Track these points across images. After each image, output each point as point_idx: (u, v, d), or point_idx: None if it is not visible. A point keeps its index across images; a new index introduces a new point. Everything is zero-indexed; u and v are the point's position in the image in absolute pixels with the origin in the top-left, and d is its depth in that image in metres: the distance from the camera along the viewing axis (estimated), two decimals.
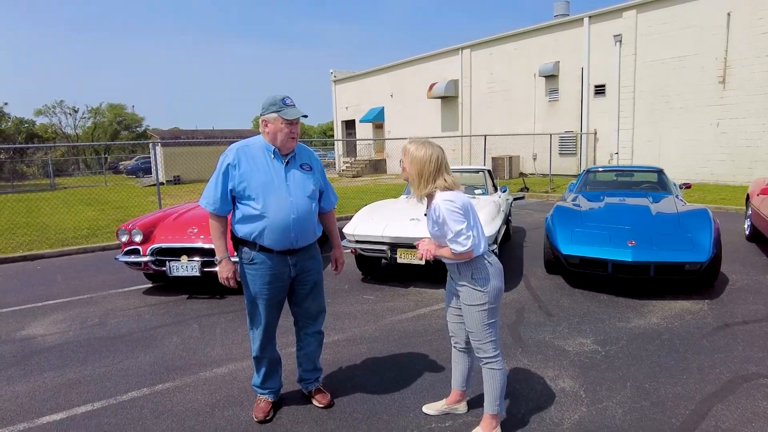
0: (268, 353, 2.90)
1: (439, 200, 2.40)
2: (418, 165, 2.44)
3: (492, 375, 2.55)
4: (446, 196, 2.41)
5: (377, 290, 5.41)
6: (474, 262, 2.47)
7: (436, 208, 2.40)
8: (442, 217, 2.38)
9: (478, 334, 2.53)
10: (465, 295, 2.52)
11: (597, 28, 17.17)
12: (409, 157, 2.48)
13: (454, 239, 2.37)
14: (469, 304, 2.51)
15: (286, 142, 2.68)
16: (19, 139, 49.72)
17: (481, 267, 2.48)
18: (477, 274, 2.48)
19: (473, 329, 2.53)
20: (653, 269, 4.70)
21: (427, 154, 2.44)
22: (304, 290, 2.87)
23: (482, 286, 2.47)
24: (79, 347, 4.08)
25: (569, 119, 18.50)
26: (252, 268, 2.74)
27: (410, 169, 2.47)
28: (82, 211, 13.04)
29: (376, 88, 27.29)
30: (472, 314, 2.51)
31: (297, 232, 2.69)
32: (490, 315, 2.51)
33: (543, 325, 4.26)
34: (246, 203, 2.67)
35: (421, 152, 2.45)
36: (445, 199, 2.39)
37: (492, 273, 2.50)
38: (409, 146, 2.50)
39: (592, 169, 7.96)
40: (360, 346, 3.91)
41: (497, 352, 2.56)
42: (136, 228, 5.34)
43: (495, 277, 2.51)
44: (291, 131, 2.67)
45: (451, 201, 2.39)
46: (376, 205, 6.45)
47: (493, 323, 2.53)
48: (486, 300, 2.48)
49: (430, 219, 2.47)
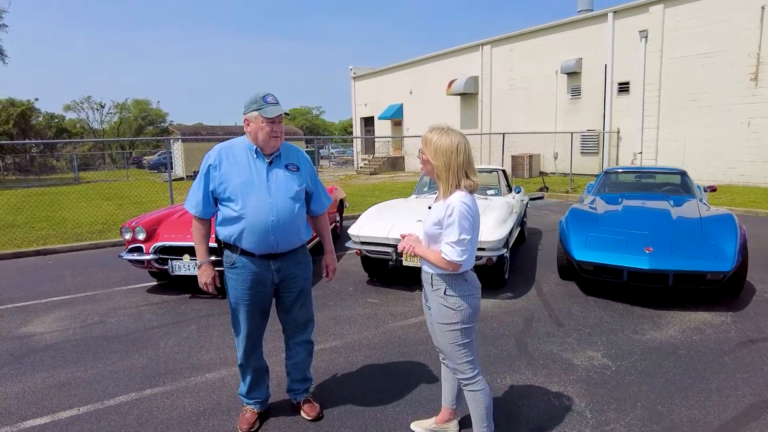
0: (254, 361, 2.78)
1: (457, 199, 2.15)
2: (444, 156, 2.16)
3: (474, 397, 2.36)
4: (465, 198, 2.17)
5: (382, 293, 5.26)
6: (451, 276, 2.25)
7: (450, 206, 2.15)
8: (453, 218, 2.13)
9: (450, 355, 2.33)
10: (435, 311, 2.30)
11: (622, 23, 16.65)
12: (432, 148, 2.18)
13: (453, 245, 2.14)
14: (439, 322, 2.29)
15: (267, 141, 2.54)
16: (49, 134, 51.05)
17: (456, 283, 2.25)
18: (450, 290, 2.25)
19: (444, 349, 2.34)
20: (672, 278, 4.44)
21: (453, 142, 2.16)
22: (290, 298, 2.73)
23: (454, 304, 2.25)
24: (75, 347, 4.03)
25: (591, 117, 18.01)
26: (233, 272, 2.62)
27: (435, 161, 2.18)
28: (100, 205, 13.20)
29: (395, 84, 27.09)
30: (442, 333, 2.30)
31: (277, 235, 2.55)
32: (464, 335, 2.29)
33: (552, 335, 4.05)
34: (226, 204, 2.55)
35: (445, 140, 2.16)
36: (463, 201, 2.15)
37: (467, 291, 2.26)
38: (430, 135, 2.20)
39: (611, 170, 7.65)
40: (357, 353, 3.77)
41: (476, 372, 2.35)
42: (139, 226, 5.29)
43: (470, 296, 2.27)
44: (272, 130, 2.53)
45: (468, 205, 2.16)
46: (385, 204, 6.30)
47: (467, 343, 2.31)
48: (458, 320, 2.25)
49: (435, 215, 2.21)
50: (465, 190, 2.21)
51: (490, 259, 4.79)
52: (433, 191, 6.86)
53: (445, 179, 2.20)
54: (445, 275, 2.26)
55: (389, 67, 27.64)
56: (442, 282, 2.27)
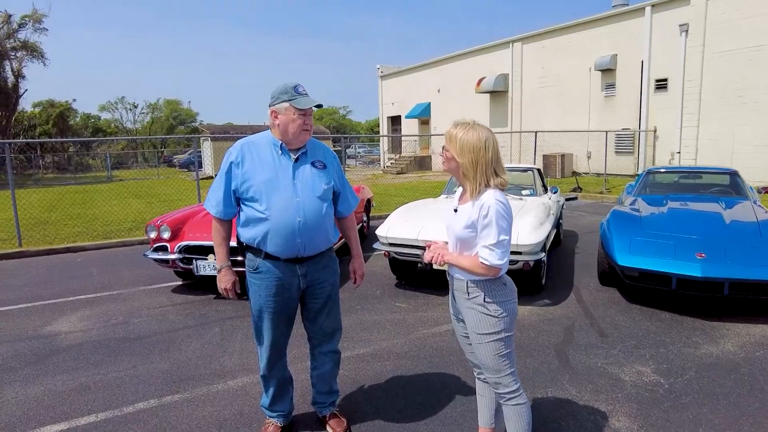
0: (277, 372, 2.60)
1: (492, 198, 1.96)
2: (471, 152, 1.98)
3: (516, 412, 2.14)
4: (499, 196, 1.98)
5: (411, 297, 5.03)
6: (490, 282, 2.05)
7: (484, 206, 1.96)
8: (490, 218, 1.95)
9: (493, 368, 2.11)
10: (474, 321, 2.09)
11: (660, 17, 15.98)
12: (458, 144, 2.01)
13: (493, 248, 1.95)
14: (480, 332, 2.08)
15: (298, 134, 2.36)
16: (85, 134, 52.61)
17: (495, 289, 2.05)
18: (490, 296, 2.05)
19: (487, 362, 2.11)
20: (727, 287, 4.08)
21: (480, 138, 1.99)
22: (317, 305, 2.54)
23: (496, 311, 2.05)
24: (97, 348, 3.94)
25: (626, 116, 17.37)
26: (257, 277, 2.44)
27: (461, 158, 2.00)
28: (131, 203, 13.37)
29: (422, 83, 26.79)
30: (485, 345, 2.08)
31: (304, 237, 2.37)
32: (506, 344, 2.08)
33: (595, 347, 3.76)
34: (249, 204, 2.37)
35: (472, 136, 1.99)
36: (498, 199, 1.96)
37: (507, 296, 2.08)
38: (455, 131, 2.03)
39: (654, 170, 7.23)
40: (386, 362, 3.56)
41: (518, 384, 2.14)
42: (164, 224, 5.21)
43: (510, 301, 2.09)
44: (304, 122, 2.34)
45: (503, 204, 1.97)
46: (413, 204, 6.07)
47: (509, 353, 2.10)
48: (501, 327, 2.06)
49: (467, 217, 2.01)
50: (496, 189, 2.00)
51: (527, 264, 4.51)
52: None
53: (473, 178, 2.01)
54: (482, 281, 2.05)
55: (417, 65, 27.36)
56: (479, 289, 2.06)
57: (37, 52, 33.68)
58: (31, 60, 33.90)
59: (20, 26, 32.48)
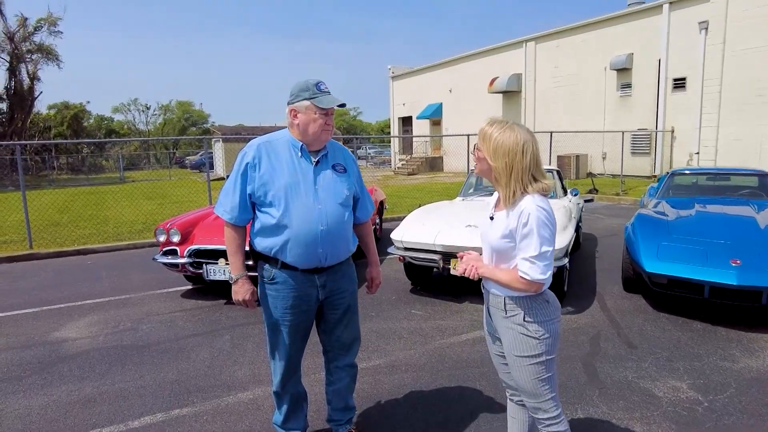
0: (291, 388, 2.44)
1: (532, 205, 1.77)
2: (506, 155, 1.79)
3: None
4: (540, 202, 1.79)
5: (427, 304, 4.85)
6: (530, 298, 1.85)
7: (524, 213, 1.77)
8: (530, 227, 1.76)
9: (532, 392, 1.91)
10: (512, 342, 1.90)
11: (678, 15, 15.62)
12: (492, 145, 1.81)
13: (534, 260, 1.76)
14: (518, 354, 1.88)
15: (319, 134, 2.19)
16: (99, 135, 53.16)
17: (537, 306, 1.86)
18: (531, 315, 1.85)
19: (525, 386, 1.92)
20: (766, 296, 3.85)
21: (518, 140, 1.79)
22: (335, 316, 2.38)
23: (537, 332, 1.85)
24: (105, 356, 3.82)
25: (643, 116, 17.01)
26: (273, 288, 2.28)
27: (494, 161, 1.81)
28: (142, 204, 13.34)
29: (434, 83, 26.57)
30: (524, 368, 1.89)
31: (326, 246, 2.20)
32: (548, 368, 1.89)
33: (624, 359, 3.55)
34: (266, 211, 2.21)
35: (508, 138, 1.79)
36: (539, 206, 1.77)
37: (550, 315, 1.88)
38: (490, 130, 1.83)
39: (678, 172, 6.98)
40: (404, 374, 3.38)
41: (560, 410, 1.95)
42: (174, 227, 5.09)
43: (553, 320, 1.88)
44: (326, 123, 2.18)
45: (546, 211, 1.78)
46: (429, 207, 5.89)
47: (550, 377, 1.91)
48: (542, 350, 1.86)
49: (504, 225, 1.82)
50: (535, 195, 1.80)
51: None
52: (481, 192, 6.40)
53: (506, 184, 1.82)
54: (522, 298, 1.86)
55: (428, 65, 27.16)
56: (518, 307, 1.86)
57: (52, 54, 34.07)
58: (46, 63, 34.31)
59: (36, 29, 32.87)
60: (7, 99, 32.34)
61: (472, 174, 6.85)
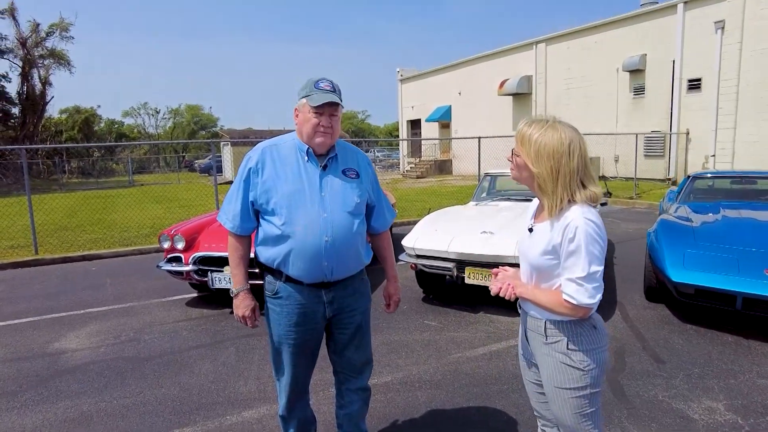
0: (299, 413, 2.26)
1: (580, 217, 1.54)
2: (550, 159, 1.56)
3: None
4: (589, 214, 1.56)
5: (441, 314, 4.65)
6: (576, 323, 1.63)
7: (570, 228, 1.54)
8: (577, 243, 1.53)
9: (573, 428, 1.69)
10: (552, 372, 1.68)
11: (693, 14, 15.30)
12: (533, 148, 1.58)
13: (581, 281, 1.53)
14: (559, 386, 1.66)
15: (312, 136, 1.99)
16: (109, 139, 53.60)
17: (583, 333, 1.63)
18: (575, 343, 1.62)
19: (565, 421, 1.69)
20: None
21: (563, 140, 1.56)
22: (344, 336, 2.19)
23: (582, 362, 1.63)
24: (104, 369, 3.66)
25: (656, 118, 16.69)
26: (276, 303, 2.10)
27: (537, 167, 1.58)
28: (150, 208, 13.26)
29: (443, 86, 26.37)
30: (564, 401, 1.66)
31: (332, 259, 2.01)
32: (591, 402, 1.66)
33: (652, 375, 3.33)
34: (269, 219, 2.03)
35: (551, 138, 1.56)
36: (588, 218, 1.54)
37: (597, 342, 1.64)
38: (530, 130, 1.60)
39: (699, 175, 6.72)
40: (418, 391, 3.19)
41: None
42: (178, 234, 4.94)
43: (601, 348, 1.65)
44: (321, 123, 1.97)
45: (595, 224, 1.55)
46: (441, 212, 5.69)
47: (594, 413, 1.68)
48: (587, 383, 1.64)
49: (546, 240, 1.61)
50: (584, 204, 1.58)
51: None
52: (495, 197, 6.19)
53: (552, 192, 1.59)
54: (565, 323, 1.64)
55: (437, 68, 26.97)
56: (560, 333, 1.64)
57: (63, 59, 34.38)
58: (57, 67, 34.63)
59: (48, 35, 33.19)
60: (19, 103, 32.66)
61: (485, 177, 6.64)
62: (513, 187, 6.69)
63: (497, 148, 15.80)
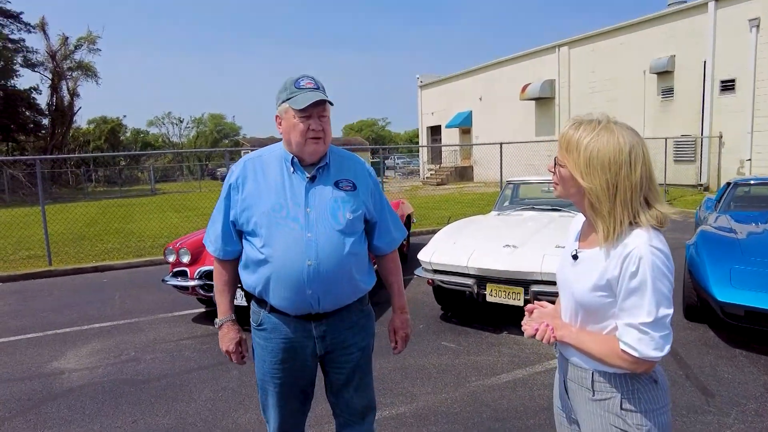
0: None
1: (646, 245, 1.18)
2: (605, 171, 1.20)
3: None
4: (657, 242, 1.20)
5: (460, 334, 4.31)
6: (633, 377, 1.26)
7: (632, 258, 1.18)
8: (642, 278, 1.17)
9: None
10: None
11: (725, 13, 14.66)
12: (583, 156, 1.22)
13: (646, 329, 1.17)
14: None
15: (302, 145, 1.70)
16: (135, 148, 54.67)
17: (642, 388, 1.26)
18: (632, 402, 1.26)
19: None
20: None
21: (621, 145, 1.20)
22: (340, 376, 1.87)
23: (640, 426, 1.25)
24: (98, 393, 3.43)
25: (686, 121, 16.02)
26: (261, 336, 1.82)
27: (588, 180, 1.22)
28: (169, 217, 13.22)
29: (463, 91, 26.02)
30: None
31: (317, 287, 1.69)
32: None
33: (700, 412, 2.94)
34: (250, 240, 1.75)
35: (606, 143, 1.21)
36: (655, 247, 1.19)
37: (658, 402, 1.28)
38: (576, 134, 1.25)
39: (741, 182, 6.25)
40: (433, 426, 2.86)
41: None
42: (184, 247, 4.73)
43: (663, 408, 1.28)
44: (310, 127, 1.67)
45: (664, 255, 1.19)
46: (461, 223, 5.35)
47: None
48: None
49: (598, 272, 1.24)
50: (649, 229, 1.22)
51: None
52: (518, 206, 5.82)
53: (609, 212, 1.21)
54: (619, 376, 1.27)
55: (458, 73, 26.65)
56: (613, 388, 1.28)
57: (91, 71, 35.20)
58: (85, 79, 35.48)
59: (76, 48, 34.04)
60: (49, 114, 33.52)
61: (508, 185, 6.28)
62: (537, 196, 6.31)
63: (520, 153, 15.39)
